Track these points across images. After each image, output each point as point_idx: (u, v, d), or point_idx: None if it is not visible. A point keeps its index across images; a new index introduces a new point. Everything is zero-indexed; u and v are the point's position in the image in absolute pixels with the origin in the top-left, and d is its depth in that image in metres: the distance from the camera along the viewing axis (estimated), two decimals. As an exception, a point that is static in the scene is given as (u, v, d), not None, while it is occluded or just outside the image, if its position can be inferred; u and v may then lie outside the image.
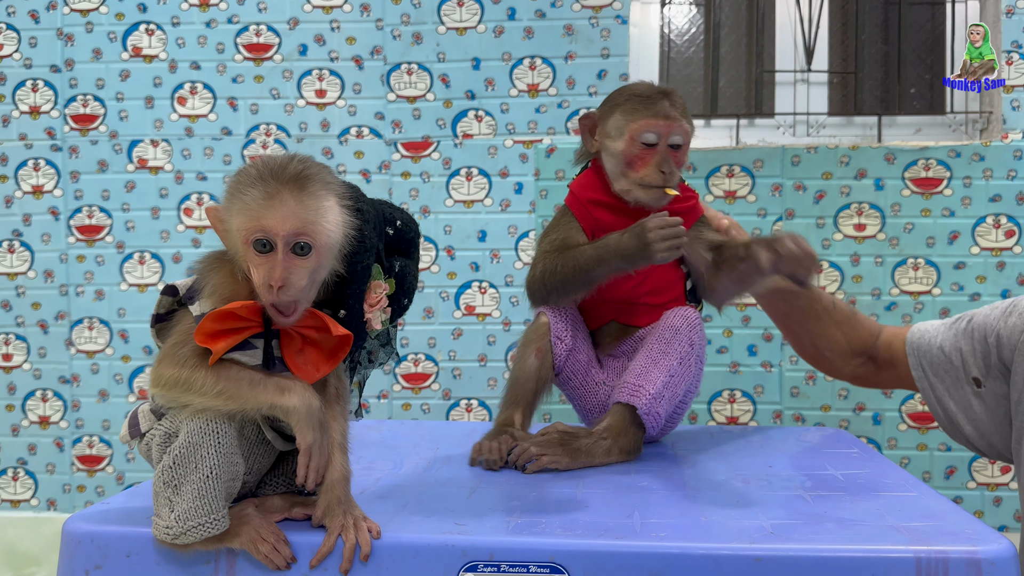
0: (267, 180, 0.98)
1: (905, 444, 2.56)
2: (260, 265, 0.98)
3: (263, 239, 0.97)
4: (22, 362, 2.76)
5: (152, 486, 1.02)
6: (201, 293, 1.02)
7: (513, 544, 1.00)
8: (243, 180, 0.99)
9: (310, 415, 1.00)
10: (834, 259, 2.56)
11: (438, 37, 2.64)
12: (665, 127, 1.43)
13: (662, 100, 1.44)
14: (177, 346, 1.00)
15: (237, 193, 0.99)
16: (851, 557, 0.96)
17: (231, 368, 1.00)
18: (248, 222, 0.97)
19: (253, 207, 0.97)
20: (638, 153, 1.43)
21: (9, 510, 2.77)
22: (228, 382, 0.98)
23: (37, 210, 2.74)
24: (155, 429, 1.04)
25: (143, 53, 2.71)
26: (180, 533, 0.99)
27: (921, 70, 2.77)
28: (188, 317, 1.01)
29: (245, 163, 1.05)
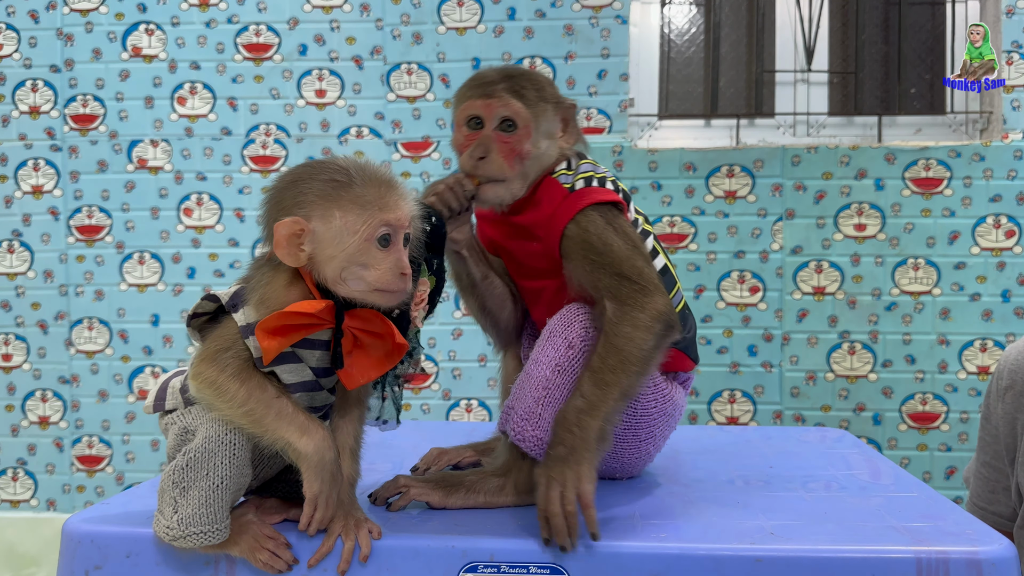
0: (376, 179, 0.99)
1: (905, 444, 2.56)
2: (383, 259, 0.98)
3: (388, 233, 0.98)
4: (22, 362, 2.76)
5: (160, 481, 1.02)
6: (248, 301, 1.00)
7: (513, 545, 1.00)
8: (340, 184, 0.98)
9: (321, 465, 0.99)
10: (834, 259, 2.56)
11: (438, 37, 2.64)
12: (485, 108, 1.20)
13: (497, 83, 1.21)
14: (221, 351, 0.99)
15: (338, 197, 0.98)
16: (851, 558, 0.96)
17: (266, 391, 0.99)
18: (372, 218, 0.97)
19: (375, 203, 0.98)
20: (463, 140, 1.22)
21: (9, 510, 2.77)
22: (257, 404, 0.98)
23: (37, 210, 2.74)
24: (176, 417, 1.03)
25: (143, 53, 2.71)
26: (179, 536, 0.99)
27: (921, 70, 2.77)
28: (232, 323, 1.00)
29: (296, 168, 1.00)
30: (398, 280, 0.98)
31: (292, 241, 0.98)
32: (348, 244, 0.98)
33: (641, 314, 1.11)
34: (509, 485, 1.15)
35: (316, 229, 0.98)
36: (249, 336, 0.98)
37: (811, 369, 2.58)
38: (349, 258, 0.98)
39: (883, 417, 2.57)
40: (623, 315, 1.12)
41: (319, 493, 0.99)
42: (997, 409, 1.46)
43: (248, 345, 0.99)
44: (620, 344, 1.10)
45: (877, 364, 2.56)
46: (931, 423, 2.55)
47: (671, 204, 2.58)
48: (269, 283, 1.00)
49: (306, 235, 0.98)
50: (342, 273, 0.98)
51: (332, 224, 0.98)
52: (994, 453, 1.48)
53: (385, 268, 0.98)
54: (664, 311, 1.13)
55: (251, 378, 0.99)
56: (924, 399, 2.55)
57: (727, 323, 2.59)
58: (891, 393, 2.56)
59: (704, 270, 2.59)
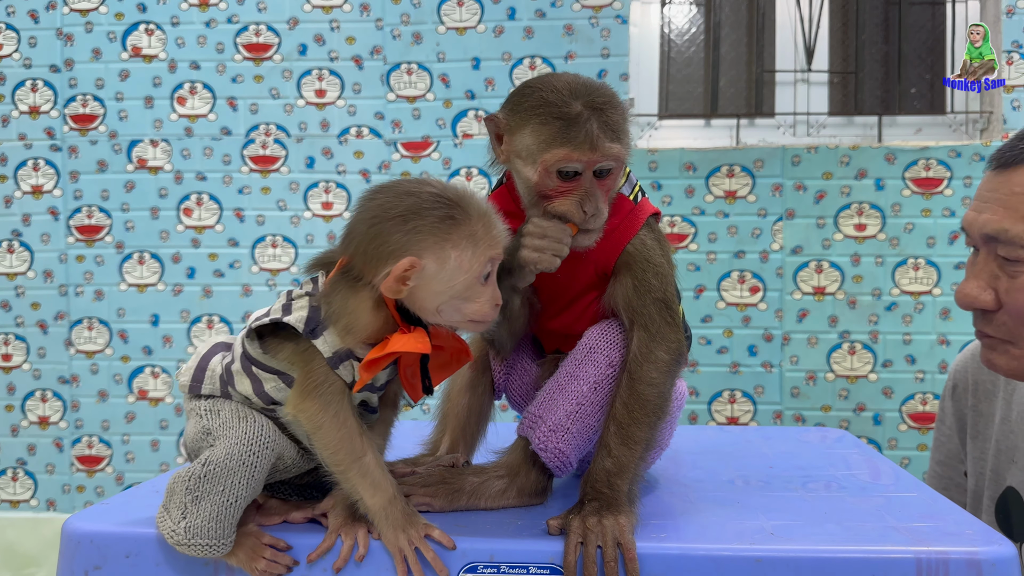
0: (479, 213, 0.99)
1: (905, 444, 2.56)
2: (483, 292, 0.99)
3: (490, 269, 1.00)
4: (21, 362, 2.75)
5: (172, 478, 1.01)
6: (329, 326, 0.98)
7: (513, 545, 1.00)
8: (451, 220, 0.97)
9: (388, 517, 0.99)
10: (834, 259, 2.56)
11: (438, 37, 2.64)
12: (589, 160, 1.07)
13: (588, 120, 1.06)
14: (321, 385, 0.98)
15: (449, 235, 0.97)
16: (851, 558, 0.96)
17: (354, 441, 0.99)
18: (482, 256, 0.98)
19: (484, 241, 0.98)
20: (556, 187, 1.09)
21: (8, 510, 2.77)
22: (346, 456, 0.98)
23: (36, 210, 2.73)
24: (204, 413, 1.03)
25: (143, 53, 2.71)
26: (183, 543, 0.98)
27: (921, 70, 2.77)
28: (315, 352, 0.98)
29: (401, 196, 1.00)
30: (493, 311, 1.00)
31: (400, 277, 0.96)
32: (458, 282, 0.97)
33: (664, 354, 1.11)
34: (513, 489, 1.14)
35: (427, 267, 0.96)
36: (338, 366, 0.98)
37: (811, 369, 2.57)
38: (456, 295, 0.98)
39: (883, 417, 2.57)
40: (648, 352, 1.11)
41: (395, 540, 0.98)
42: (948, 409, 1.51)
43: (339, 374, 0.98)
44: (644, 392, 1.10)
45: (877, 364, 2.56)
46: (931, 423, 2.54)
47: (671, 204, 2.58)
48: (354, 310, 0.98)
49: (415, 272, 0.96)
50: (441, 306, 0.98)
51: (447, 264, 0.96)
52: (947, 452, 1.53)
53: (483, 300, 0.98)
54: (681, 347, 1.13)
55: (346, 423, 0.99)
56: (924, 399, 2.54)
57: (727, 323, 2.58)
58: (891, 393, 2.55)
59: (704, 270, 2.58)
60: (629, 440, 1.08)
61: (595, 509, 1.03)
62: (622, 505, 1.04)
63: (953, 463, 1.53)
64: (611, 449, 1.08)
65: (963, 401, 1.48)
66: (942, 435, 1.55)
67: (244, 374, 1.02)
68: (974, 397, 1.45)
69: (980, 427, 1.43)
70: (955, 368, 1.52)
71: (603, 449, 1.09)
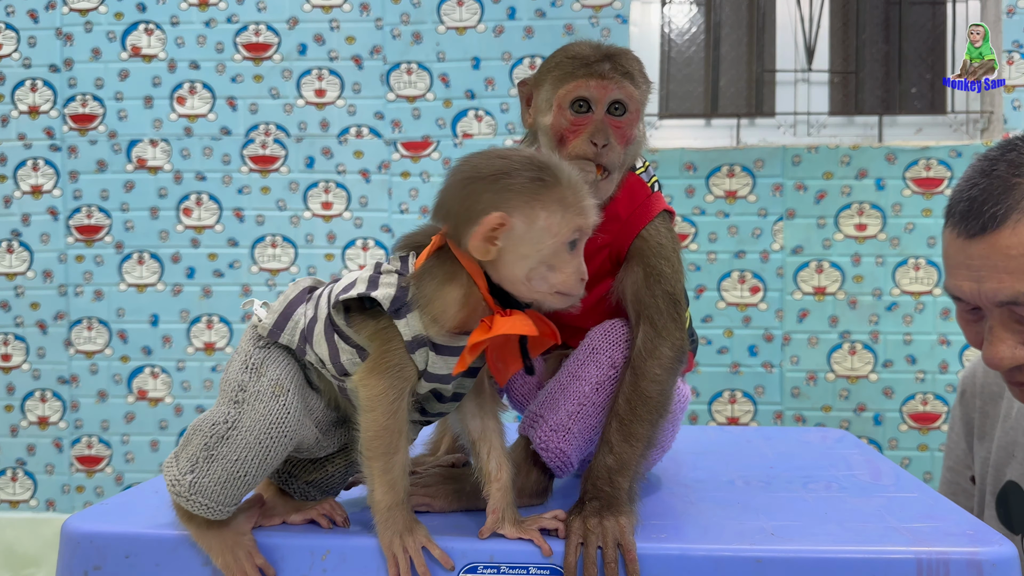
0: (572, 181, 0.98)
1: (906, 445, 2.56)
2: (569, 263, 0.98)
3: (578, 237, 0.98)
4: (21, 362, 2.75)
5: (192, 427, 1.00)
6: (415, 308, 0.97)
7: (513, 545, 1.00)
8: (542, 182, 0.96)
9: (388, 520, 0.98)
10: (835, 259, 2.56)
11: (438, 36, 2.64)
12: (599, 89, 1.11)
13: (602, 61, 1.12)
14: (392, 367, 0.97)
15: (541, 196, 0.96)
16: (852, 558, 0.96)
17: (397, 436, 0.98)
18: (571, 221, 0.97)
19: (575, 207, 0.97)
20: (569, 125, 1.12)
21: (8, 511, 2.76)
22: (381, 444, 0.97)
23: (36, 210, 2.73)
24: (250, 367, 1.00)
25: (142, 53, 2.70)
26: (183, 495, 0.98)
27: (922, 70, 2.77)
28: (396, 333, 0.97)
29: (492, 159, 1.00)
30: (579, 285, 0.97)
31: (489, 236, 0.95)
32: (545, 245, 0.95)
33: (668, 350, 1.10)
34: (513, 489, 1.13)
35: (516, 226, 0.95)
36: (416, 350, 0.97)
37: (812, 369, 2.57)
38: (543, 259, 0.96)
39: (884, 417, 2.57)
40: (653, 348, 1.10)
41: (390, 544, 0.98)
42: (956, 414, 1.52)
43: (414, 359, 0.97)
44: (647, 388, 1.09)
45: (878, 364, 2.56)
46: (932, 423, 2.54)
47: (671, 204, 2.57)
48: (444, 298, 0.97)
49: (505, 230, 0.95)
50: (529, 273, 0.96)
51: (535, 223, 0.95)
52: (955, 458, 1.54)
53: (570, 272, 0.97)
54: (684, 346, 1.12)
55: (397, 415, 0.98)
56: (925, 399, 2.54)
57: (727, 323, 2.58)
58: (892, 393, 2.55)
59: (704, 270, 2.58)
60: (631, 437, 1.08)
61: (596, 509, 1.02)
62: (623, 505, 1.04)
63: (960, 468, 1.54)
64: (613, 446, 1.08)
65: (971, 405, 1.49)
66: (951, 441, 1.56)
67: (324, 339, 1.00)
68: (982, 400, 1.46)
69: (987, 428, 1.44)
70: (964, 374, 1.53)
71: (605, 445, 1.08)
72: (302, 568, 1.01)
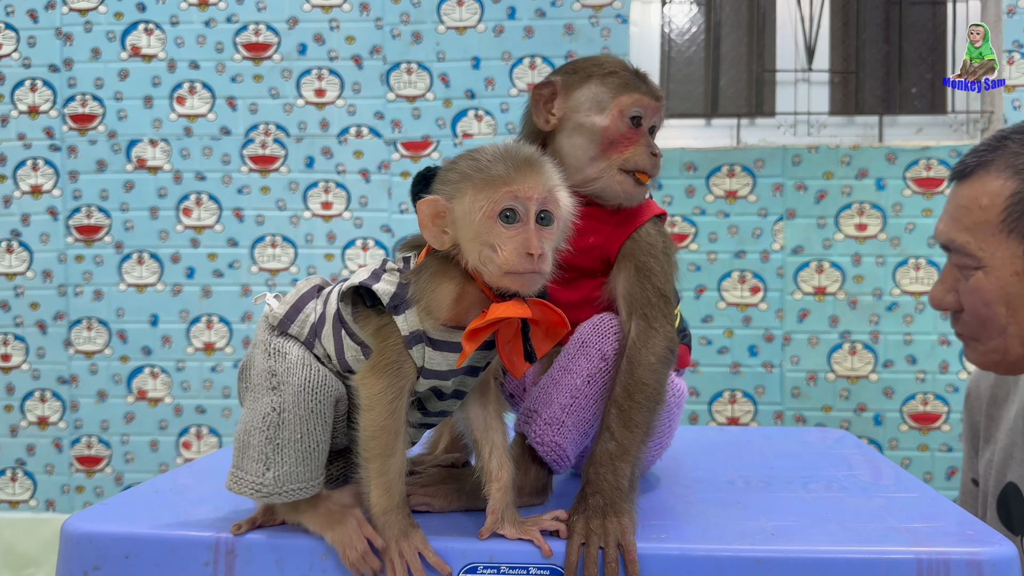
0: (509, 156, 0.97)
1: (906, 445, 2.56)
2: (510, 238, 0.94)
3: (512, 208, 0.94)
4: (21, 362, 2.75)
5: (239, 436, 1.00)
6: (413, 304, 0.97)
7: (513, 545, 1.00)
8: (476, 163, 0.97)
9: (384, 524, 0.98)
10: (835, 259, 2.56)
11: (438, 36, 2.64)
12: (654, 108, 1.20)
13: (648, 79, 1.22)
14: (391, 365, 0.98)
15: (470, 176, 0.96)
16: (852, 559, 0.96)
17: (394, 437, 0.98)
18: (496, 192, 0.94)
19: (499, 178, 0.95)
20: (625, 132, 1.18)
21: (8, 511, 2.76)
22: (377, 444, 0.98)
23: (36, 210, 2.73)
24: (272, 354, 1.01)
25: (142, 52, 2.70)
26: (273, 493, 0.98)
27: (922, 70, 2.77)
28: (395, 329, 0.98)
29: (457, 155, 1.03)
30: (523, 260, 0.94)
31: (436, 223, 0.97)
32: (477, 222, 0.95)
33: (660, 341, 1.12)
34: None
35: (454, 210, 0.96)
36: (413, 346, 0.97)
37: (812, 369, 2.57)
38: (481, 238, 0.95)
39: (884, 417, 2.57)
40: (646, 339, 1.12)
41: (385, 550, 0.98)
42: (964, 420, 1.54)
43: (412, 355, 0.98)
44: (643, 376, 1.11)
45: (878, 364, 2.56)
46: (932, 423, 2.54)
47: (672, 204, 2.58)
48: (437, 289, 0.98)
49: (447, 217, 0.97)
50: (480, 256, 0.95)
51: (464, 202, 0.96)
52: (964, 463, 1.58)
53: (511, 248, 0.94)
54: (674, 343, 1.14)
55: (395, 415, 0.98)
56: (925, 399, 2.54)
57: (728, 323, 2.58)
58: (892, 393, 2.55)
59: (705, 270, 2.58)
60: (630, 423, 1.09)
61: (599, 508, 1.03)
62: (625, 502, 1.04)
63: (965, 470, 1.56)
64: (614, 432, 1.09)
65: (975, 408, 1.50)
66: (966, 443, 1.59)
67: (332, 334, 1.01)
68: (988, 404, 1.47)
69: (992, 431, 1.45)
70: (970, 380, 1.54)
71: (605, 432, 1.09)
72: (302, 568, 1.00)
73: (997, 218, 1.07)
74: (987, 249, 1.08)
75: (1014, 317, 1.11)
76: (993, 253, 1.08)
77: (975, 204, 1.10)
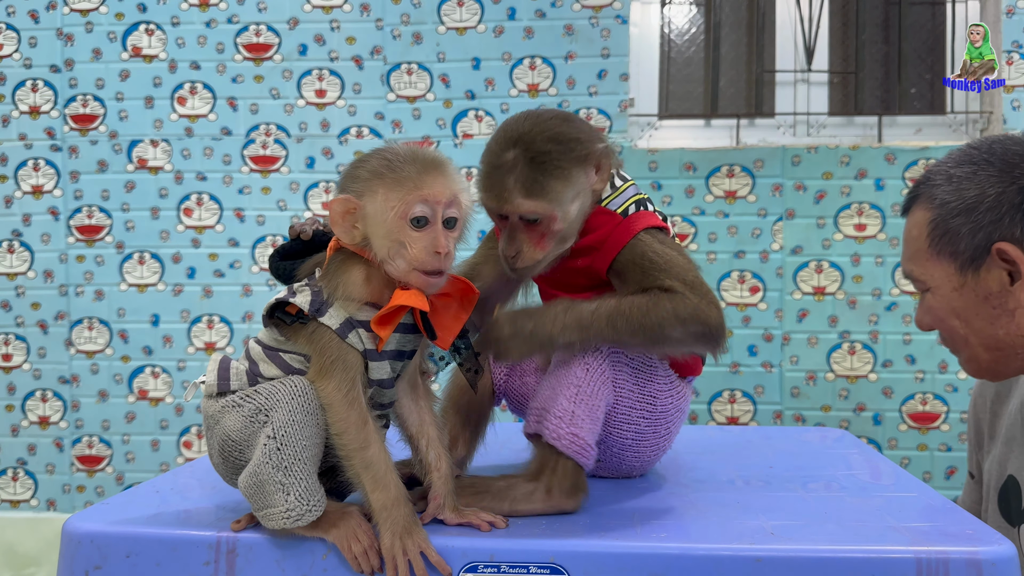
0: (418, 158, 1.02)
1: (905, 444, 2.56)
2: (419, 239, 1.00)
3: (423, 213, 1.00)
4: (22, 362, 2.76)
5: (247, 478, 1.01)
6: (332, 300, 1.02)
7: (513, 545, 1.00)
8: (385, 164, 1.01)
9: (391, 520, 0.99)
10: (834, 259, 2.56)
11: (438, 37, 2.64)
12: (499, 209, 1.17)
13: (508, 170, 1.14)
14: (334, 362, 1.01)
15: (381, 176, 1.01)
16: (851, 558, 0.96)
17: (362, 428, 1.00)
18: (406, 195, 1.00)
19: (409, 182, 1.00)
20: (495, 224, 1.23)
21: (9, 510, 2.77)
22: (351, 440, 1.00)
23: (37, 210, 2.74)
24: (242, 399, 1.03)
25: (143, 53, 2.71)
26: (304, 513, 0.99)
27: (921, 70, 2.77)
28: (325, 330, 1.01)
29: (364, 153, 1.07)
30: (432, 259, 1.00)
31: (347, 219, 1.02)
32: (387, 221, 1.00)
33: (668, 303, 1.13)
34: (540, 490, 1.11)
35: (366, 207, 1.01)
36: (347, 334, 1.01)
37: (811, 369, 2.58)
38: (389, 235, 1.00)
39: (883, 417, 2.57)
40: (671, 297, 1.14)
41: (390, 547, 0.98)
42: (968, 421, 1.56)
43: (350, 343, 1.01)
44: (656, 313, 1.12)
45: (877, 364, 2.56)
46: (931, 423, 2.54)
47: (671, 204, 2.58)
48: (347, 275, 1.03)
49: (359, 213, 1.01)
50: (389, 251, 1.01)
51: (376, 201, 1.00)
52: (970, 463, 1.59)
53: (420, 247, 1.00)
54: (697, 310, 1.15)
55: (354, 405, 1.01)
56: (924, 399, 2.55)
57: (727, 323, 2.58)
58: (891, 393, 2.56)
59: (704, 270, 2.56)
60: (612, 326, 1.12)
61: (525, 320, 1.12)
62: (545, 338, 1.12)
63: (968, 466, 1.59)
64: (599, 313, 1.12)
65: (980, 406, 1.53)
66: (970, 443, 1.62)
67: (269, 361, 1.05)
68: (993, 402, 1.50)
69: (996, 428, 1.46)
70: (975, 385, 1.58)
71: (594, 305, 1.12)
72: (303, 567, 1.01)
73: (925, 244, 1.20)
74: (927, 272, 1.21)
75: (970, 328, 1.20)
76: (932, 275, 1.20)
77: (910, 236, 1.24)
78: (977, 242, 1.15)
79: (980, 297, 1.17)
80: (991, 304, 1.17)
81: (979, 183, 1.16)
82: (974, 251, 1.16)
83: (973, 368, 1.26)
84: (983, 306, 1.18)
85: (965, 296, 1.18)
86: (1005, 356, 1.21)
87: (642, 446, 1.24)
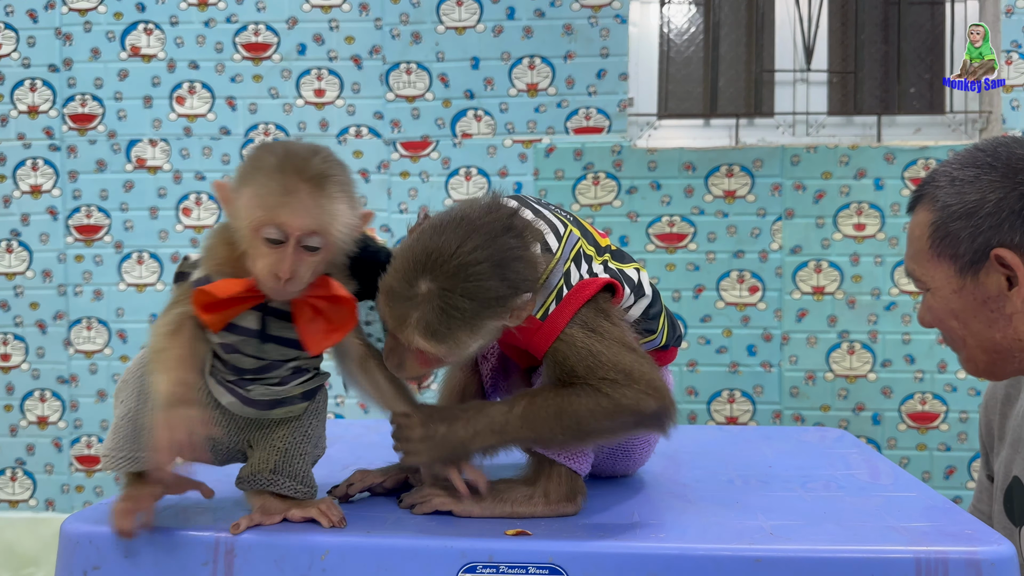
0: (287, 174, 0.98)
1: (905, 444, 2.56)
2: (267, 255, 0.98)
3: (276, 237, 0.97)
4: (20, 362, 2.75)
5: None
6: (202, 259, 1.06)
7: (512, 545, 1.00)
8: (261, 166, 0.99)
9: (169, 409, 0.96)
10: (834, 259, 2.56)
11: (437, 36, 2.64)
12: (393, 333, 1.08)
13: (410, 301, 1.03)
14: (175, 305, 1.05)
15: (253, 178, 0.99)
16: (851, 558, 0.96)
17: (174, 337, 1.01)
18: (261, 214, 0.97)
19: (269, 200, 0.97)
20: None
21: (7, 510, 2.76)
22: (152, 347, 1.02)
23: (35, 210, 2.73)
24: (123, 400, 1.11)
25: (141, 52, 2.70)
26: (106, 464, 1.07)
27: (921, 70, 2.77)
28: (185, 285, 1.06)
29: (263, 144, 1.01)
30: (271, 279, 0.98)
31: (225, 203, 1.03)
32: (243, 226, 1.00)
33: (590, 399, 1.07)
34: (538, 494, 1.11)
35: (235, 200, 1.01)
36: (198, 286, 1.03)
37: (810, 369, 2.58)
38: (243, 238, 1.00)
39: (882, 417, 2.57)
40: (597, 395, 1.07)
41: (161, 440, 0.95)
42: (982, 419, 1.56)
43: None
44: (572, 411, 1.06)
45: (876, 364, 2.56)
46: (930, 423, 2.55)
47: (670, 204, 2.58)
48: (213, 240, 1.06)
49: (232, 202, 1.01)
50: (247, 250, 1.01)
51: (240, 201, 1.00)
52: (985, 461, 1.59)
53: (264, 264, 0.98)
54: (649, 410, 1.08)
55: (176, 332, 1.02)
56: (923, 399, 2.55)
57: (726, 323, 2.58)
58: (890, 393, 2.56)
59: (703, 270, 2.58)
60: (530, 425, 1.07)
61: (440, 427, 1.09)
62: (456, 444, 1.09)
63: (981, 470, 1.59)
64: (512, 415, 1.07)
65: (991, 409, 1.54)
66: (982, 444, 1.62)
67: None
68: (1003, 403, 1.51)
69: (1004, 430, 1.47)
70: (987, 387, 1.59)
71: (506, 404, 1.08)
72: (302, 568, 1.01)
73: (926, 245, 1.20)
74: (928, 273, 1.21)
75: (968, 330, 1.21)
76: (932, 276, 1.20)
77: (913, 236, 1.23)
78: (976, 246, 1.16)
79: (978, 301, 1.18)
80: (989, 308, 1.18)
81: (981, 187, 1.17)
82: (973, 255, 1.16)
83: (971, 368, 1.27)
84: (981, 309, 1.19)
85: (964, 299, 1.19)
86: (1002, 359, 1.22)
87: (633, 443, 1.25)
